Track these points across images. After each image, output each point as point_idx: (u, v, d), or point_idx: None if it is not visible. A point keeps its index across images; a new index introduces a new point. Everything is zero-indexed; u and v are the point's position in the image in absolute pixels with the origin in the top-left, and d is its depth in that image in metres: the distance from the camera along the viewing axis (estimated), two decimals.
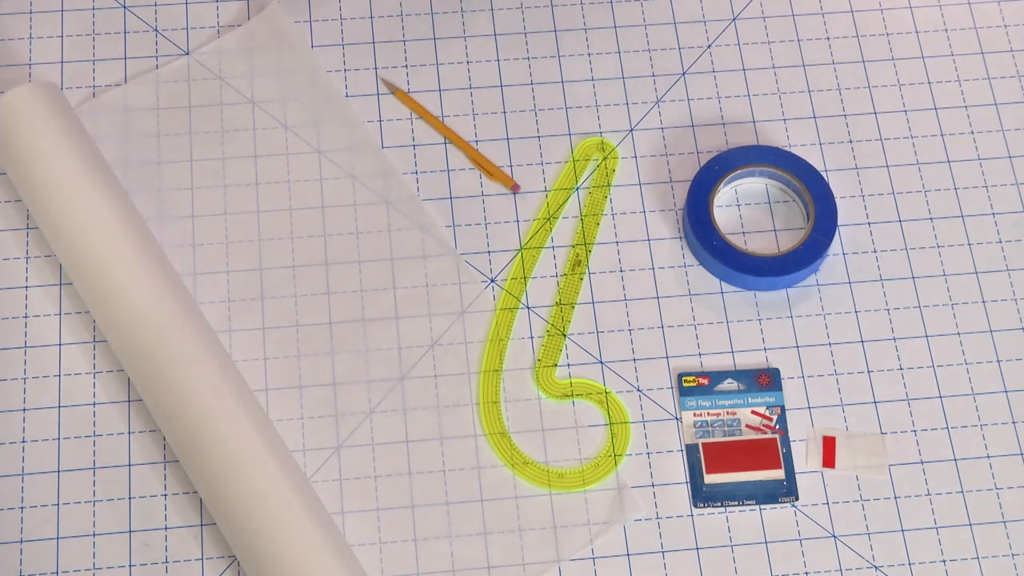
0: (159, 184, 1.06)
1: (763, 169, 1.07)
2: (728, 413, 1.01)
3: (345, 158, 1.08)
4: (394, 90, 1.11)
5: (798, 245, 1.04)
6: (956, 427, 1.01)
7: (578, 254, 1.06)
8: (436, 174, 1.08)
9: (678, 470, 0.99)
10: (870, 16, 1.16)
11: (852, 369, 1.03)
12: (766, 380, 1.02)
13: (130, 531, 0.96)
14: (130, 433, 0.98)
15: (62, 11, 1.12)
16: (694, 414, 1.01)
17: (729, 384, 1.02)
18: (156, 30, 1.12)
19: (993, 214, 1.08)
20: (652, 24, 1.14)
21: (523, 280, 1.05)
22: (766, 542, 0.97)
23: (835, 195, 1.07)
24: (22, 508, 0.96)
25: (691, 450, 1.00)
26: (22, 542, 0.95)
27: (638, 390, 1.02)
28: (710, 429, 1.00)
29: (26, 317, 1.02)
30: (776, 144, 1.10)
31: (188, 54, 1.11)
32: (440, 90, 1.11)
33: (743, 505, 0.98)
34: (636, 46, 1.13)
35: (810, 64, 1.13)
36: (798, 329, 1.04)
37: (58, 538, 0.96)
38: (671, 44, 1.14)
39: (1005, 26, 1.15)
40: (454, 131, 1.09)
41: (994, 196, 1.09)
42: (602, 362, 1.02)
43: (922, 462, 1.00)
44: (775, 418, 1.01)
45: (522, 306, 1.04)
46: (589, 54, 1.13)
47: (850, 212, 1.08)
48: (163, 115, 1.09)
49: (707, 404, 1.01)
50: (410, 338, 1.02)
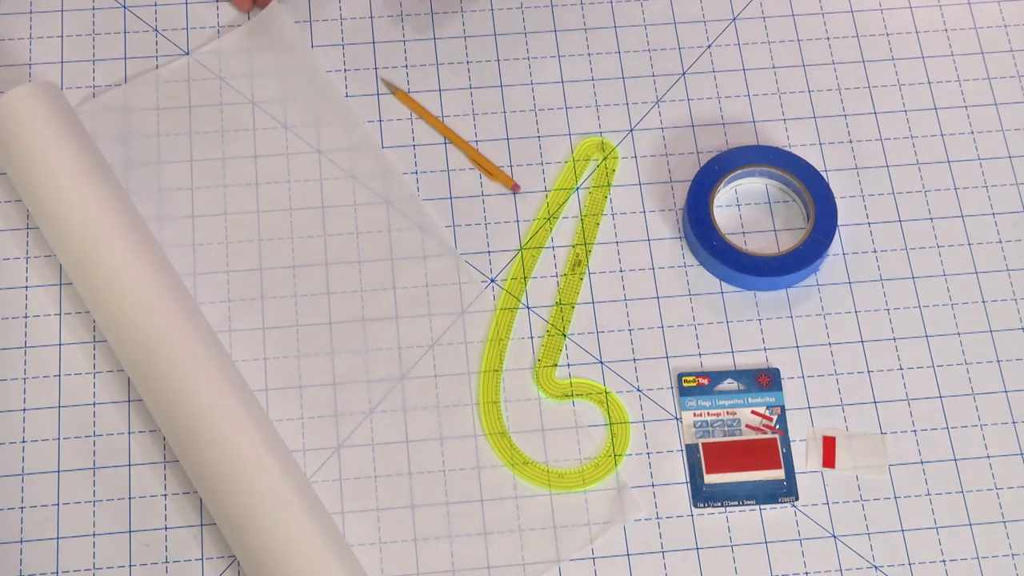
0: (159, 184, 1.06)
1: (763, 169, 1.07)
2: (728, 413, 1.01)
3: (345, 158, 1.08)
4: (394, 90, 1.11)
5: (798, 245, 1.04)
6: (956, 427, 1.01)
7: (578, 254, 1.06)
8: (436, 174, 1.08)
9: (678, 470, 0.99)
10: (870, 16, 1.15)
11: (852, 369, 1.03)
12: (766, 380, 1.02)
13: (130, 531, 0.96)
14: (130, 433, 0.98)
15: (62, 11, 1.12)
16: (694, 414, 1.01)
17: (729, 384, 1.02)
18: (156, 30, 1.12)
19: (993, 214, 1.08)
20: (652, 24, 1.14)
21: (523, 280, 1.05)
22: (766, 542, 0.97)
23: (835, 195, 1.07)
24: (22, 508, 0.96)
25: (691, 450, 1.00)
26: (22, 542, 0.95)
27: (638, 390, 1.02)
28: (710, 429, 1.00)
29: (26, 317, 1.02)
30: (776, 144, 1.10)
31: (188, 54, 1.11)
32: (440, 90, 1.11)
33: (743, 505, 0.98)
34: (636, 46, 1.13)
35: (810, 64, 1.13)
36: (798, 329, 1.04)
37: (58, 538, 0.95)
38: (671, 44, 1.14)
39: (1005, 26, 1.15)
40: (454, 131, 1.09)
41: (994, 196, 1.09)
42: (602, 362, 1.02)
43: (922, 462, 1.00)
44: (775, 418, 1.01)
45: (522, 306, 1.04)
46: (589, 54, 1.13)
47: (850, 212, 1.08)
48: (163, 115, 1.09)
49: (707, 404, 1.01)
50: (410, 338, 1.02)
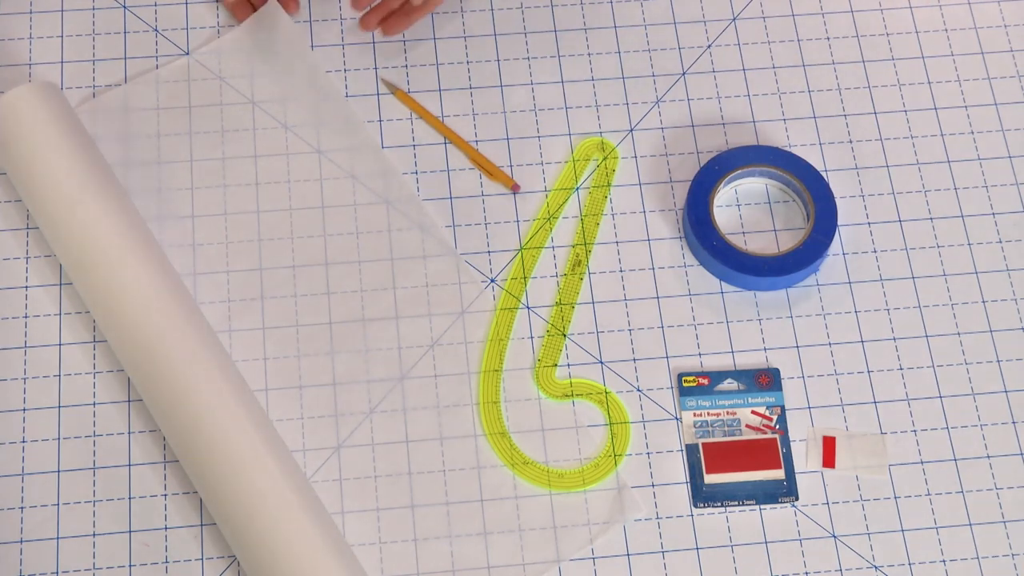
0: (159, 184, 1.06)
1: (763, 169, 1.07)
2: (728, 413, 1.01)
3: (345, 158, 1.08)
4: (394, 90, 1.11)
5: (798, 245, 1.04)
6: (956, 427, 1.01)
7: (578, 254, 1.06)
8: (436, 174, 1.08)
9: (678, 470, 0.99)
10: (870, 16, 1.15)
11: (852, 369, 1.03)
12: (766, 380, 1.02)
13: (130, 531, 0.96)
14: (130, 433, 0.98)
15: (62, 11, 1.12)
16: (694, 414, 1.01)
17: (729, 384, 1.02)
18: (156, 30, 1.12)
19: (993, 214, 1.08)
20: (652, 24, 1.14)
21: (523, 280, 1.05)
22: (766, 542, 0.97)
23: (835, 195, 1.07)
24: (22, 508, 0.96)
25: (691, 450, 1.00)
26: (22, 542, 0.95)
27: (638, 390, 1.02)
28: (710, 429, 1.00)
29: (26, 317, 1.02)
30: (776, 144, 1.10)
31: (188, 54, 1.11)
32: (440, 90, 1.11)
33: (743, 505, 0.98)
34: (636, 46, 1.13)
35: (810, 64, 1.13)
36: (798, 329, 1.04)
37: (58, 538, 0.95)
38: (671, 44, 1.14)
39: (1005, 26, 1.15)
40: (454, 131, 1.09)
41: (994, 196, 1.09)
42: (602, 362, 1.02)
43: (922, 462, 1.00)
44: (775, 418, 1.01)
45: (522, 306, 1.04)
46: (589, 54, 1.13)
47: (850, 212, 1.08)
48: (163, 115, 1.09)
49: (707, 404, 1.01)
50: (410, 338, 1.02)
